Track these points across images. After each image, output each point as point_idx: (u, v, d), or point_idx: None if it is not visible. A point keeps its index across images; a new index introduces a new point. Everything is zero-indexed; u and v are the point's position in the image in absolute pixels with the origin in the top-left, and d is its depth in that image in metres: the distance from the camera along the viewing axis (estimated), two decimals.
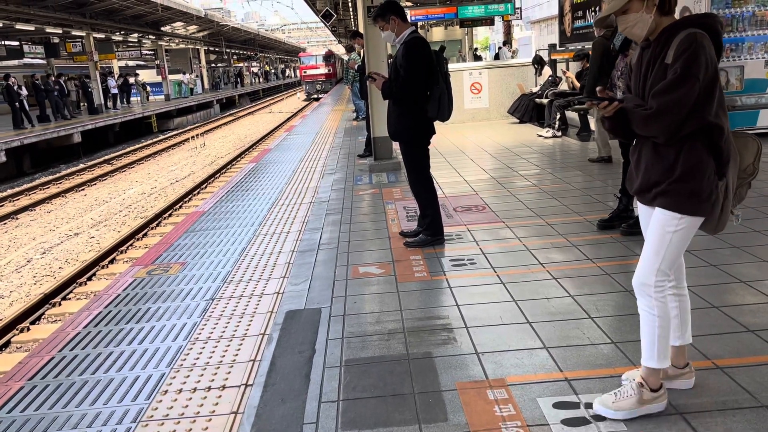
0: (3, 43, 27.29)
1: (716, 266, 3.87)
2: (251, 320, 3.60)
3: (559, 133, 9.90)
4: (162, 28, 34.45)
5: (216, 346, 3.29)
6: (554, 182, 6.73)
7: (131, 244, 9.26)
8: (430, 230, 4.81)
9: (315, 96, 38.69)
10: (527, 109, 11.64)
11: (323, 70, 40.20)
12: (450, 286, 3.90)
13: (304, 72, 40.68)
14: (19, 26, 22.24)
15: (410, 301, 3.70)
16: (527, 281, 3.90)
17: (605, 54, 6.66)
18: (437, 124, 4.77)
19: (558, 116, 9.81)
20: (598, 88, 2.44)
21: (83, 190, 14.63)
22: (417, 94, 4.57)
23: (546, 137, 9.88)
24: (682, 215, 2.24)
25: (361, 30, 9.60)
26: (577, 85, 9.56)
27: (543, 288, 3.76)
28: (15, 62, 30.21)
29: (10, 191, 14.59)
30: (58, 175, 16.53)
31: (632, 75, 2.37)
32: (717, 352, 2.80)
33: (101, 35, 28.26)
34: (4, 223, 11.55)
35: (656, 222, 2.31)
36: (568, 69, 11.34)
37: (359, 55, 12.63)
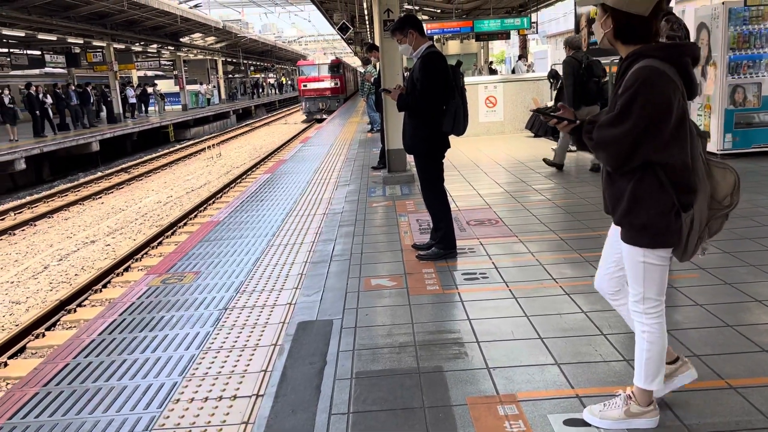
0: (25, 52, 27.78)
1: (731, 285, 3.84)
2: (263, 331, 3.62)
3: (573, 148, 9.88)
4: (181, 39, 34.92)
5: (228, 356, 3.32)
6: (568, 197, 6.71)
7: (146, 253, 9.35)
8: (442, 243, 4.81)
9: (317, 117, 31.70)
10: (542, 124, 11.64)
11: (328, 83, 32.35)
12: (462, 300, 3.90)
13: (304, 86, 32.52)
14: (41, 36, 22.65)
15: (422, 315, 3.71)
16: (540, 296, 3.89)
17: (575, 71, 7.68)
18: (452, 137, 4.78)
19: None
20: (559, 104, 2.47)
21: (100, 198, 14.80)
22: (432, 108, 4.60)
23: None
24: (642, 248, 2.23)
25: (378, 43, 9.67)
26: None
27: (555, 303, 3.74)
28: (36, 71, 30.73)
29: (29, 198, 14.80)
30: (76, 182, 16.76)
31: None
32: (731, 371, 2.78)
33: (121, 46, 28.69)
34: (23, 230, 11.71)
35: (624, 252, 2.31)
36: None
37: (375, 67, 12.72)
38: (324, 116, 30.52)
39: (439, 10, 23.93)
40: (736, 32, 7.80)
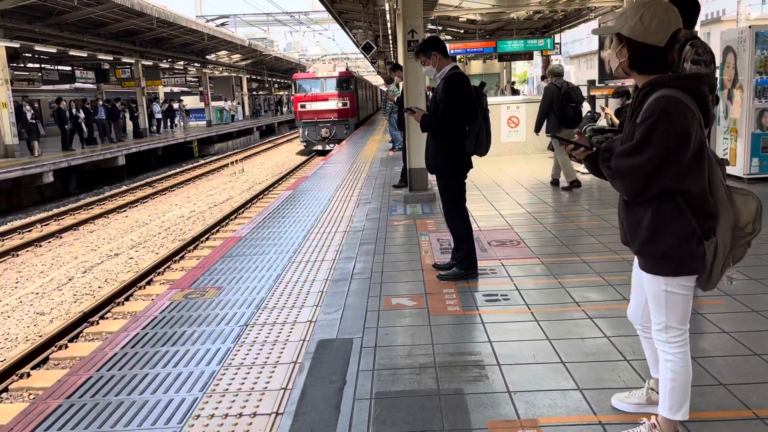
0: (56, 68, 28.45)
1: (758, 312, 3.77)
2: (284, 348, 3.63)
3: (584, 170, 9.81)
4: (207, 57, 35.53)
5: (248, 373, 3.33)
6: (591, 219, 6.66)
7: (168, 266, 9.44)
8: (463, 264, 4.80)
9: (320, 148, 25.27)
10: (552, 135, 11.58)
11: (334, 103, 25.34)
12: (483, 322, 3.88)
13: (301, 106, 25.52)
14: (72, 52, 23.19)
15: (442, 336, 3.69)
16: (562, 320, 3.85)
17: (554, 99, 8.39)
18: (474, 157, 4.79)
19: (590, 141, 9.72)
20: (576, 131, 2.47)
21: (125, 211, 15.02)
22: (455, 129, 4.62)
23: (583, 173, 9.79)
24: (664, 276, 2.21)
25: (401, 62, 9.75)
26: (616, 121, 9.50)
27: (578, 327, 3.70)
28: (66, 86, 31.47)
29: (55, 210, 15.07)
30: (101, 196, 17.03)
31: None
32: (758, 401, 2.72)
33: (149, 62, 29.27)
34: (49, 242, 11.91)
35: (645, 280, 2.29)
36: (607, 105, 11.29)
37: (398, 87, 12.81)
38: (328, 146, 24.28)
39: (462, 31, 24.06)
40: (763, 56, 7.73)
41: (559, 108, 8.27)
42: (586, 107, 11.90)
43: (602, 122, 10.56)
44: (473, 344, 3.56)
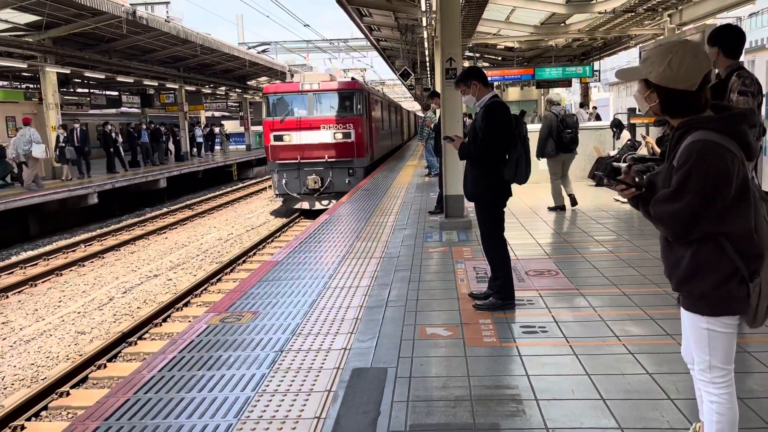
0: (104, 93, 29.47)
1: None
2: (318, 375, 3.62)
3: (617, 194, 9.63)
4: (248, 82, 36.34)
5: (282, 400, 3.32)
6: (631, 250, 6.52)
7: (206, 288, 9.57)
8: (500, 294, 4.73)
9: (306, 206, 16.43)
10: (603, 173, 11.41)
11: (330, 134, 16.29)
12: (520, 354, 3.80)
13: (275, 138, 16.30)
14: (120, 78, 24.02)
15: (478, 367, 3.63)
16: (602, 354, 3.75)
17: (552, 126, 8.99)
18: (513, 185, 4.77)
19: (636, 181, 9.57)
20: (623, 168, 2.41)
21: (165, 233, 15.33)
22: (495, 157, 4.61)
23: (623, 202, 9.62)
24: (703, 315, 2.13)
25: (439, 90, 9.80)
26: (657, 150, 9.34)
27: (618, 363, 3.60)
28: (113, 110, 32.52)
29: (99, 231, 15.47)
30: (142, 218, 17.45)
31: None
32: None
33: (192, 88, 30.08)
34: (92, 262, 12.21)
35: (687, 319, 2.22)
36: (648, 134, 11.12)
37: (435, 113, 12.86)
38: (321, 204, 16.17)
39: (500, 58, 24.11)
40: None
41: (557, 134, 8.87)
42: (626, 135, 11.74)
43: (643, 151, 10.40)
44: (510, 377, 3.49)
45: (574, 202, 9.19)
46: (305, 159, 16.15)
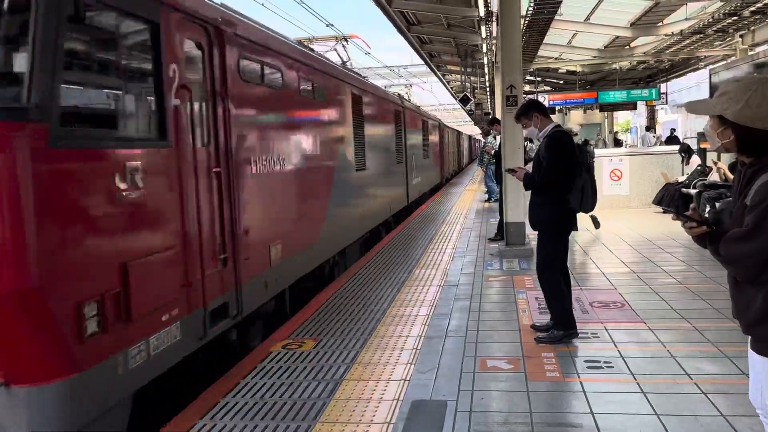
0: None
1: None
2: (377, 406, 3.62)
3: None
4: None
5: (343, 431, 3.34)
6: (703, 281, 6.25)
7: None
8: (561, 325, 4.63)
9: None
10: (672, 199, 11.04)
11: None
12: (584, 390, 3.70)
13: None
14: None
15: (540, 403, 3.55)
16: (671, 393, 3.61)
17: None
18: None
19: (708, 209, 9.21)
20: (691, 206, 2.31)
21: None
22: (559, 186, 4.57)
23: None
24: None
25: (499, 116, 9.78)
26: (730, 176, 8.97)
27: (690, 403, 3.45)
28: None
29: None
30: None
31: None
32: None
33: None
34: None
35: (756, 362, 2.12)
36: (719, 159, 10.71)
37: (495, 139, 12.82)
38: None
39: (562, 81, 23.86)
40: None
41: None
42: (695, 161, 11.35)
43: (714, 176, 10.02)
44: (573, 414, 3.40)
45: (597, 225, 8.81)
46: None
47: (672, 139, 19.86)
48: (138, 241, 3.37)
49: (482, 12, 11.51)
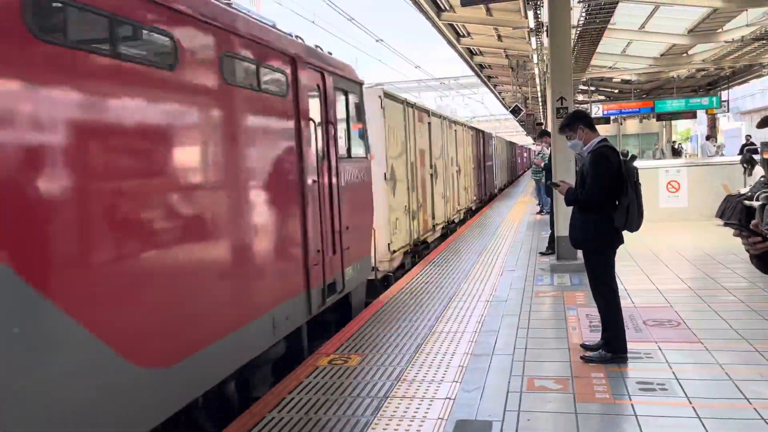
0: None
1: None
2: (421, 425, 3.60)
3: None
4: None
5: None
6: (766, 300, 5.98)
7: None
8: (611, 347, 4.49)
9: None
10: (734, 212, 10.60)
11: None
12: (636, 414, 3.58)
13: None
14: None
15: (589, 426, 3.46)
16: (731, 419, 3.45)
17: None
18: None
19: None
20: (753, 222, 2.16)
21: None
22: (602, 204, 4.44)
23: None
24: None
25: (549, 129, 9.63)
26: None
27: (748, 429, 3.30)
28: None
29: None
30: None
31: None
32: None
33: None
34: None
35: None
36: None
37: (544, 151, 12.63)
38: None
39: (616, 91, 23.32)
40: None
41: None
42: (759, 172, 10.88)
43: None
44: None
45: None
46: None
47: (746, 147, 19.00)
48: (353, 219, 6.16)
49: (532, 23, 11.38)
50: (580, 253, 8.03)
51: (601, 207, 4.44)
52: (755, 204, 7.68)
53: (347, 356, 5.01)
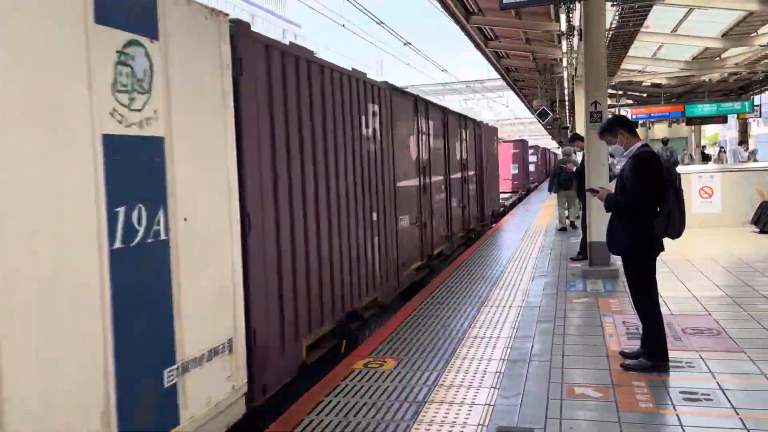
0: None
1: None
2: (462, 431, 3.58)
3: None
4: None
5: None
6: None
7: None
8: (651, 355, 4.42)
9: None
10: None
11: None
12: (681, 424, 3.52)
13: None
14: None
15: None
16: None
17: (555, 171, 12.21)
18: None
19: None
20: None
21: None
22: (643, 208, 4.38)
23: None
24: None
25: (582, 133, 9.53)
26: None
27: None
28: None
29: None
30: None
31: None
32: None
33: None
34: None
35: None
36: None
37: (575, 154, 12.50)
38: None
39: (645, 95, 23.02)
40: None
41: (559, 177, 12.49)
42: None
43: None
44: None
45: (573, 227, 12.59)
46: None
47: None
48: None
49: (564, 27, 11.29)
50: (613, 259, 7.97)
51: (641, 213, 4.37)
52: None
53: (382, 359, 5.01)
